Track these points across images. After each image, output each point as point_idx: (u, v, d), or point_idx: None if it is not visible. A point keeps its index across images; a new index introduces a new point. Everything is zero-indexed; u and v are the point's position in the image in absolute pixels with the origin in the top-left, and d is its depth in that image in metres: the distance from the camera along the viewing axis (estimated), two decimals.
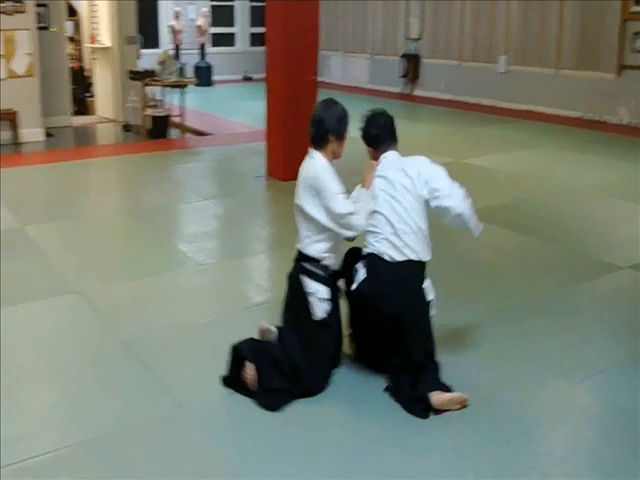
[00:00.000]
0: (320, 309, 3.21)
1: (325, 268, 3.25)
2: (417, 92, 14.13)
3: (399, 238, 3.18)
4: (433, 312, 3.27)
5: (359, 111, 3.66)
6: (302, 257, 3.29)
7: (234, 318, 4.01)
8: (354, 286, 3.24)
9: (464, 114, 11.71)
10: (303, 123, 6.97)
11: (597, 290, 4.56)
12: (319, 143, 3.27)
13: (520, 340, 3.80)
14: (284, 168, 7.05)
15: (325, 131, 3.25)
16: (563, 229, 5.78)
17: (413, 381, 3.11)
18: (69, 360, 3.58)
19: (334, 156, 3.33)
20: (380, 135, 3.47)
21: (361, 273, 3.22)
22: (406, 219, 3.20)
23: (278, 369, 3.15)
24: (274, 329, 3.39)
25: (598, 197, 6.76)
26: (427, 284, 3.27)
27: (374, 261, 3.20)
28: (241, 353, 3.21)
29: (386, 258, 3.18)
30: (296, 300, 3.29)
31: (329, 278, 3.26)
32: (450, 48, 13.32)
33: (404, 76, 14.24)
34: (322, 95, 7.57)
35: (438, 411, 3.05)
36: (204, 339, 3.75)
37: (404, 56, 14.18)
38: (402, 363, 3.16)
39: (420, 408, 3.04)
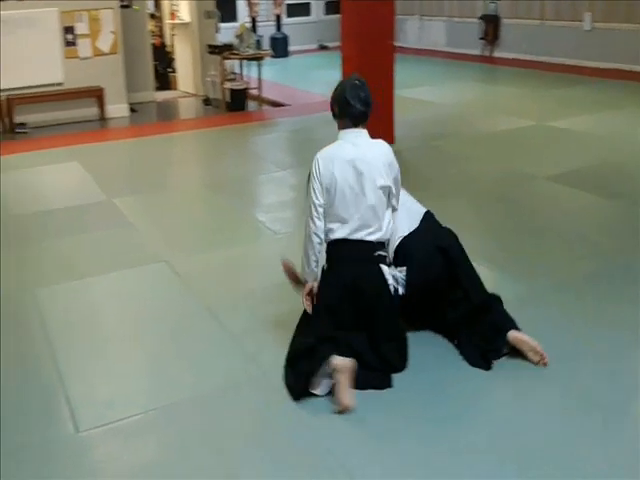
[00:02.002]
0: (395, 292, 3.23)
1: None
2: (497, 54, 13.72)
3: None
4: None
5: (437, 75, 3.62)
6: (378, 246, 3.20)
7: None
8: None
9: (546, 75, 11.29)
10: (379, 89, 7.04)
11: None
12: (364, 123, 3.21)
13: (612, 304, 3.72)
14: None
15: (370, 111, 3.20)
16: None
17: (475, 332, 3.25)
18: (156, 326, 3.76)
19: None
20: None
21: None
22: None
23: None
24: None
25: None
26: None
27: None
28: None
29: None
30: (374, 297, 3.15)
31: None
32: (531, 7, 12.83)
33: (483, 38, 13.85)
34: (399, 60, 7.56)
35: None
36: (281, 305, 3.84)
37: (483, 17, 13.78)
38: (462, 311, 3.27)
39: (487, 358, 3.17)
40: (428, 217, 3.52)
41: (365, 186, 3.13)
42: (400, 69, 7.64)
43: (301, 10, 17.00)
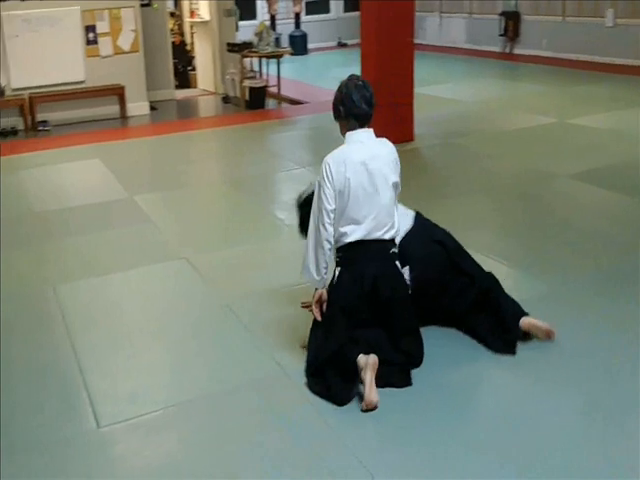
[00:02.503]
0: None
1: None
2: (517, 50, 13.62)
3: None
4: None
5: (457, 72, 3.60)
6: (392, 244, 3.20)
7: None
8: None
9: (568, 72, 11.18)
10: (399, 87, 7.02)
11: None
12: (369, 123, 3.20)
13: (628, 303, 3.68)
14: (381, 134, 7.10)
15: (373, 111, 3.18)
16: None
17: (487, 317, 3.32)
18: (176, 323, 3.78)
19: None
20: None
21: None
22: None
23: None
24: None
25: None
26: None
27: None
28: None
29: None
30: (392, 294, 3.15)
31: None
32: (553, 4, 12.70)
33: (503, 35, 13.75)
34: (418, 58, 7.53)
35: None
36: (300, 304, 3.84)
37: (503, 14, 13.67)
38: (471, 297, 3.34)
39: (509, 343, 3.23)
40: (419, 217, 3.55)
41: (379, 185, 3.11)
42: (420, 66, 7.60)
43: (320, 8, 16.99)
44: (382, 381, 2.96)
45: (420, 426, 2.80)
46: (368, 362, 2.93)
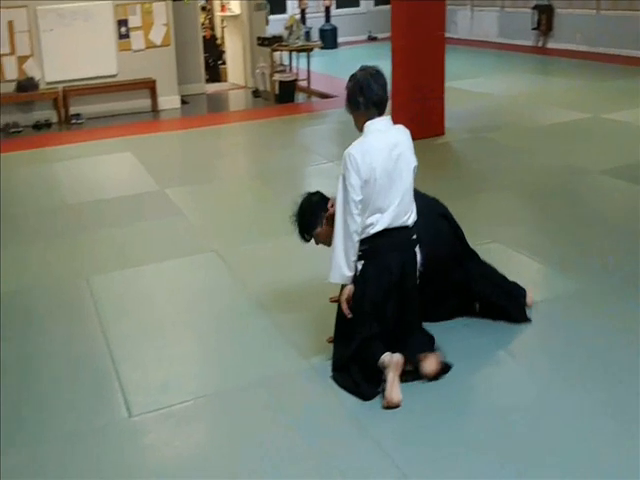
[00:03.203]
0: None
1: None
2: (550, 44, 13.42)
3: None
4: None
5: (488, 66, 3.56)
6: (414, 230, 3.17)
7: None
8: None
9: (602, 66, 11.00)
10: (430, 81, 6.98)
11: None
12: (384, 110, 3.15)
13: None
14: (411, 127, 7.08)
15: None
16: None
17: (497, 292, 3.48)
18: (206, 315, 3.82)
19: None
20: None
21: None
22: None
23: None
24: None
25: None
26: None
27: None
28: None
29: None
30: (413, 282, 3.18)
31: None
32: None
33: (536, 28, 13.56)
34: (449, 51, 7.47)
35: None
36: (327, 298, 3.83)
37: (536, 7, 13.48)
38: (477, 269, 3.52)
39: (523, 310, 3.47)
40: (416, 192, 3.40)
41: (402, 170, 3.09)
42: (451, 60, 7.55)
43: (350, 1, 16.92)
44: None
45: (447, 419, 2.80)
46: (392, 361, 2.94)
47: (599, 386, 2.98)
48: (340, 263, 3.06)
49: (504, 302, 3.49)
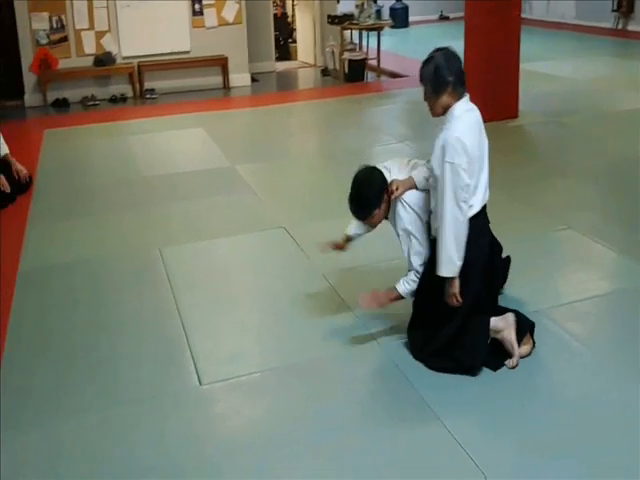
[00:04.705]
0: None
1: None
2: (631, 27, 12.90)
3: None
4: None
5: (565, 48, 3.47)
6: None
7: None
8: None
9: None
10: (504, 62, 6.83)
11: None
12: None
13: None
14: (484, 109, 6.99)
15: None
16: None
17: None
18: (275, 289, 3.89)
19: None
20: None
21: None
22: None
23: None
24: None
25: None
26: None
27: None
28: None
29: None
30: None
31: None
32: None
33: (616, 10, 13.05)
34: (525, 33, 7.27)
35: None
36: (392, 279, 3.84)
37: None
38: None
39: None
40: None
41: (485, 147, 3.09)
42: (526, 41, 7.36)
43: None
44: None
45: (519, 407, 2.79)
46: (508, 321, 3.03)
47: None
48: (452, 255, 2.93)
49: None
